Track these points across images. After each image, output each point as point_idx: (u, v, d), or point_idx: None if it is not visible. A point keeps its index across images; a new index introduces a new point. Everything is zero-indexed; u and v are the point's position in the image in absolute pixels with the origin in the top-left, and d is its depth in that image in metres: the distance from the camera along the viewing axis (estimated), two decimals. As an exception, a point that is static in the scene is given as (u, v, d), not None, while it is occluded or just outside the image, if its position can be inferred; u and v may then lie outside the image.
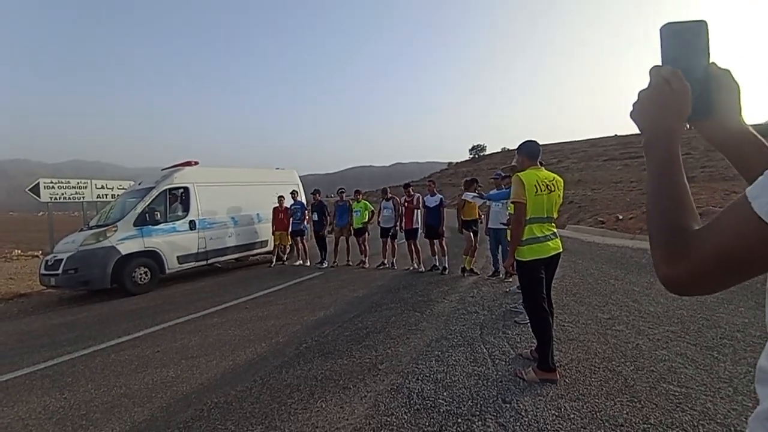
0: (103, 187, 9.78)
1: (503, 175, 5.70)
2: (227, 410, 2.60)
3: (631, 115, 0.60)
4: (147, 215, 7.01)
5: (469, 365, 3.05)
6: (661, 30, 0.57)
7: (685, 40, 0.57)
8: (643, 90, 0.58)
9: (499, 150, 64.71)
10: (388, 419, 2.36)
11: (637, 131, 0.60)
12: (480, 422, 2.27)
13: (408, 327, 4.07)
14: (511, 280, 5.72)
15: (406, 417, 2.38)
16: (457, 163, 71.05)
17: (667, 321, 3.78)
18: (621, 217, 12.65)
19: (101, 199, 9.72)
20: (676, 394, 2.45)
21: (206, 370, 3.30)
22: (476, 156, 64.88)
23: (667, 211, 0.51)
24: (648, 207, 0.54)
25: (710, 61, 0.57)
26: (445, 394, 2.63)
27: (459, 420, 2.31)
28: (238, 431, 2.35)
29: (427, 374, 2.94)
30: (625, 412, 2.29)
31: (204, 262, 7.98)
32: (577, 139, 50.21)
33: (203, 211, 7.89)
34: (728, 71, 0.57)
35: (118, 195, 9.36)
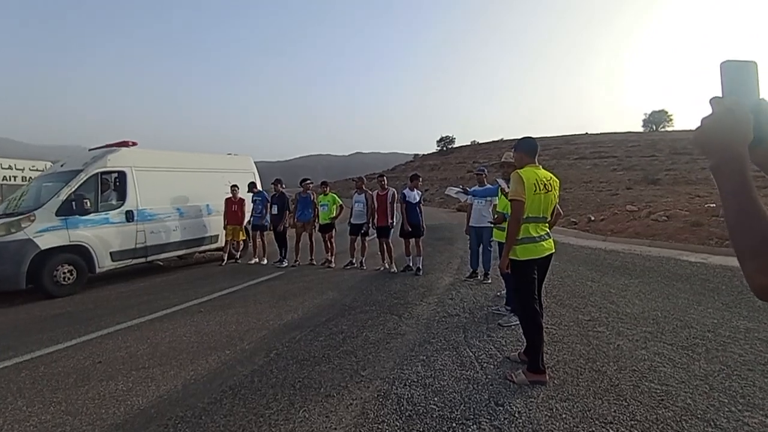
0: (11, 168, 8.92)
1: (486, 171, 5.98)
2: (196, 424, 2.57)
3: (695, 140, 0.72)
4: (73, 203, 6.50)
5: (456, 369, 3.23)
6: (721, 66, 0.71)
7: (741, 76, 0.70)
8: (707, 117, 0.71)
9: (469, 143, 66.63)
10: (380, 427, 2.47)
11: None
12: (475, 426, 2.44)
13: (387, 331, 4.19)
14: (490, 281, 6.03)
15: (398, 424, 2.50)
16: (423, 155, 72.22)
17: (643, 322, 4.22)
18: (593, 218, 13.65)
19: (8, 182, 8.87)
20: (658, 391, 2.78)
21: (163, 382, 3.21)
22: (444, 148, 66.31)
23: (753, 226, 0.63)
24: (730, 223, 0.66)
25: (760, 96, 0.71)
26: (435, 399, 2.78)
27: (454, 425, 2.46)
28: (214, 446, 2.34)
29: (415, 379, 3.08)
30: (612, 410, 2.57)
31: (143, 260, 7.59)
32: (549, 135, 52.99)
33: (143, 201, 7.48)
34: None
35: (31, 178, 8.59)
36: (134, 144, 7.77)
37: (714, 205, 10.64)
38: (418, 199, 6.98)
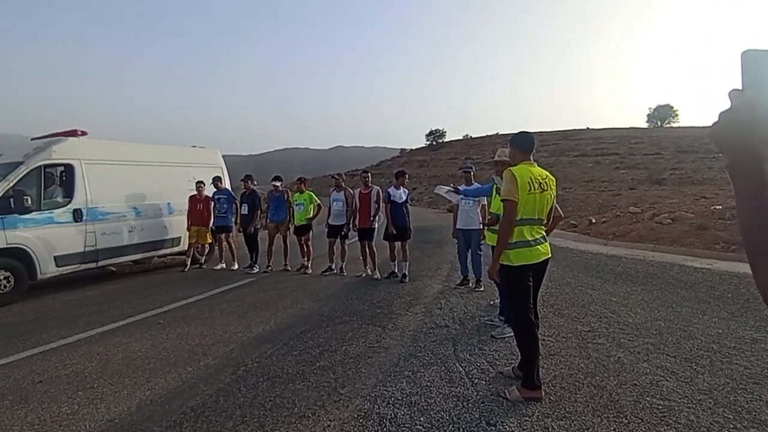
0: (-62, 159, 8.58)
1: (474, 169, 6.06)
2: (152, 451, 2.52)
3: (711, 136, 0.73)
4: (11, 200, 6.29)
5: (445, 386, 3.25)
6: (742, 55, 0.70)
7: (764, 67, 0.69)
8: (725, 112, 0.71)
9: (461, 137, 67.26)
10: (359, 450, 2.47)
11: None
12: (464, 448, 2.46)
13: (369, 344, 4.20)
14: (482, 289, 6.09)
15: (379, 447, 2.50)
16: (411, 150, 72.58)
17: (645, 333, 4.33)
18: (594, 220, 13.96)
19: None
20: (660, 407, 2.86)
21: (115, 403, 3.14)
22: (434, 143, 66.75)
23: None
24: (744, 228, 0.68)
25: None
26: (422, 419, 2.79)
27: (441, 447, 2.48)
28: (172, 475, 2.30)
29: (399, 397, 3.09)
30: (612, 428, 2.63)
31: (93, 265, 7.42)
32: (548, 130, 53.95)
33: (93, 198, 7.29)
34: None
35: (-38, 171, 8.28)
36: (84, 133, 7.57)
37: (720, 207, 11.00)
38: (404, 198, 7.01)
